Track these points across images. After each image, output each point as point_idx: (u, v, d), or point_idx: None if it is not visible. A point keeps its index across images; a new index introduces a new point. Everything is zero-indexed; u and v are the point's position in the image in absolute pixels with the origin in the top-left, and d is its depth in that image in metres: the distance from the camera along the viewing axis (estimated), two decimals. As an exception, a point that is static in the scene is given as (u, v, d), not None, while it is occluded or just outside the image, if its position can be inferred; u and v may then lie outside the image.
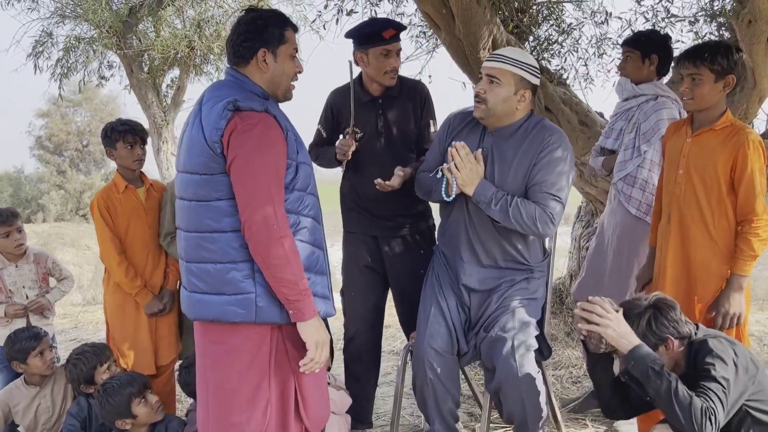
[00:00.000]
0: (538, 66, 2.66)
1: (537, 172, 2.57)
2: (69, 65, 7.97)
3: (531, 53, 4.19)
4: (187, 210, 2.13)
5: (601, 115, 4.48)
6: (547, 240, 2.84)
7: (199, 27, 7.53)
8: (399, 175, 2.92)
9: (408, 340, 3.09)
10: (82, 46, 7.87)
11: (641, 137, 3.16)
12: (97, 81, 8.45)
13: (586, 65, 4.75)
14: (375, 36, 2.94)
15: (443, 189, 2.63)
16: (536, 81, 2.63)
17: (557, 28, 4.66)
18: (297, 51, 2.23)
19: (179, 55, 7.87)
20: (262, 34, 2.13)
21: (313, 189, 2.22)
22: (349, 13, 4.34)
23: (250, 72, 2.16)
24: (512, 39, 4.05)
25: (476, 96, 2.60)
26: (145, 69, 8.30)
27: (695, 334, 2.19)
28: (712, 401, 1.96)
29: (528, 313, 2.69)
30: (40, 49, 7.82)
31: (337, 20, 4.33)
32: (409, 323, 3.15)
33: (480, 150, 2.61)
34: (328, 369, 3.16)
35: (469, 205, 2.69)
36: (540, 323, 2.79)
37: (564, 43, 4.65)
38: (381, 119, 3.06)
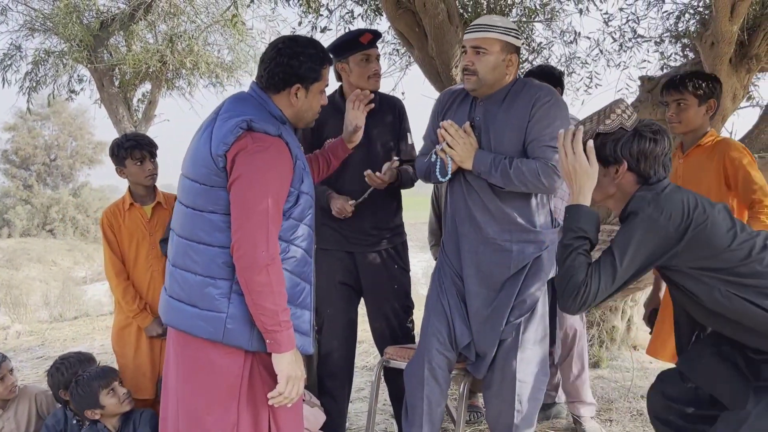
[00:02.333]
0: (517, 27, 2.66)
1: (532, 128, 2.52)
2: (38, 79, 7.86)
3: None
4: (182, 215, 2.10)
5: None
6: (553, 208, 2.78)
7: (172, 42, 7.48)
8: (391, 168, 2.92)
9: (382, 356, 3.09)
10: (51, 59, 7.77)
11: None
12: (66, 95, 8.34)
13: (556, 83, 4.81)
14: (353, 42, 2.96)
15: (438, 170, 2.60)
16: (519, 43, 2.61)
17: (527, 47, 4.74)
18: (327, 86, 2.25)
19: (151, 70, 7.81)
20: (300, 70, 2.11)
21: (310, 221, 2.17)
22: (323, 30, 4.36)
23: (278, 99, 2.14)
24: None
25: (465, 69, 2.56)
26: (116, 83, 8.22)
27: (657, 183, 1.98)
28: (592, 278, 1.86)
29: (536, 295, 2.62)
30: (9, 63, 7.70)
31: (311, 36, 4.34)
32: (383, 339, 3.15)
33: (468, 123, 2.58)
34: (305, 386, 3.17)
35: (468, 183, 2.63)
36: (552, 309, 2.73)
37: (534, 62, 4.73)
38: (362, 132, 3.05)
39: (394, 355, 3.01)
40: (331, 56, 2.88)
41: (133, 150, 3.09)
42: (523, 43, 4.49)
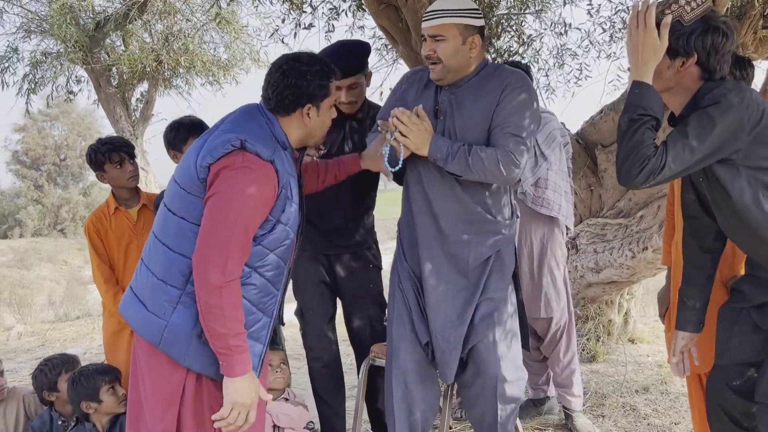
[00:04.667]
0: (477, 6, 2.49)
1: (498, 114, 2.38)
2: (36, 80, 7.89)
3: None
4: (161, 215, 2.07)
5: (562, 125, 4.52)
6: (513, 200, 2.66)
7: (167, 41, 7.48)
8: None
9: (360, 356, 3.05)
10: (48, 61, 7.80)
11: (541, 146, 3.30)
12: (65, 96, 8.37)
13: (547, 76, 4.79)
14: None
15: (387, 160, 2.42)
16: (480, 23, 2.44)
17: (517, 40, 4.70)
18: (337, 98, 2.20)
19: (147, 69, 7.82)
20: (309, 90, 2.05)
21: (283, 253, 2.06)
22: (308, 27, 4.33)
23: (288, 122, 2.08)
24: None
25: (428, 58, 2.43)
26: (114, 83, 8.24)
27: (724, 77, 1.92)
28: (662, 153, 1.79)
29: (503, 291, 2.52)
30: (6, 65, 7.75)
31: (295, 34, 4.32)
32: (361, 339, 3.11)
33: (420, 106, 2.40)
34: (288, 385, 3.15)
35: (429, 170, 2.49)
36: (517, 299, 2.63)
37: (524, 55, 4.69)
38: (348, 140, 2.97)
39: (380, 354, 2.98)
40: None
41: (111, 153, 3.04)
42: (508, 33, 4.45)
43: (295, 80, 2.04)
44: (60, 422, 3.01)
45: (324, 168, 2.58)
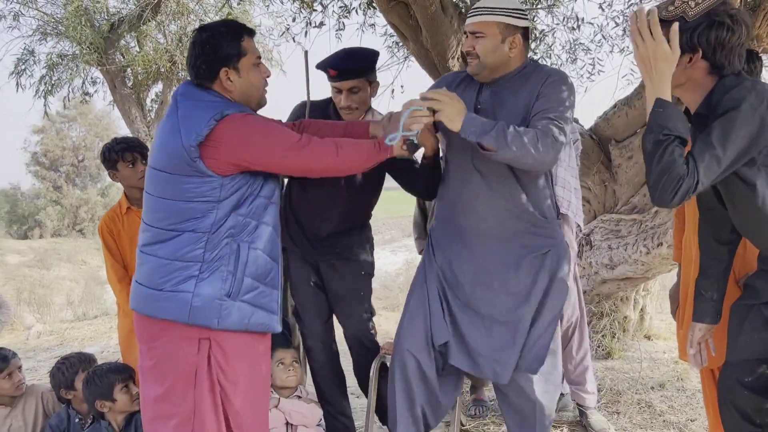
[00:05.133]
0: (521, 7, 2.47)
1: (538, 103, 2.34)
2: (53, 82, 7.98)
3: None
4: (151, 204, 2.15)
5: (576, 121, 4.49)
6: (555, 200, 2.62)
7: (181, 41, 7.53)
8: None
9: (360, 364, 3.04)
10: (64, 62, 7.88)
11: None
12: (81, 97, 8.46)
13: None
14: (325, 70, 2.82)
15: (405, 145, 2.32)
16: (524, 23, 2.42)
17: (530, 35, 4.66)
18: (260, 58, 2.19)
19: (162, 70, 7.88)
20: (218, 54, 2.09)
21: (278, 198, 2.22)
22: (319, 25, 4.34)
23: (219, 88, 2.14)
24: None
25: (468, 54, 2.45)
26: (129, 84, 8.32)
27: (740, 72, 1.89)
28: (693, 169, 1.76)
29: (553, 303, 2.47)
30: (23, 67, 7.84)
31: (306, 33, 4.33)
32: (360, 345, 3.06)
33: (444, 88, 2.39)
34: (302, 383, 3.16)
35: (473, 167, 2.45)
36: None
37: (537, 50, 4.66)
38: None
39: (390, 351, 2.98)
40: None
41: (125, 152, 3.10)
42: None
43: (201, 49, 2.10)
44: (77, 420, 3.04)
45: (325, 127, 2.58)
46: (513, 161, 2.27)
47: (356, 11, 4.38)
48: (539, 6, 4.72)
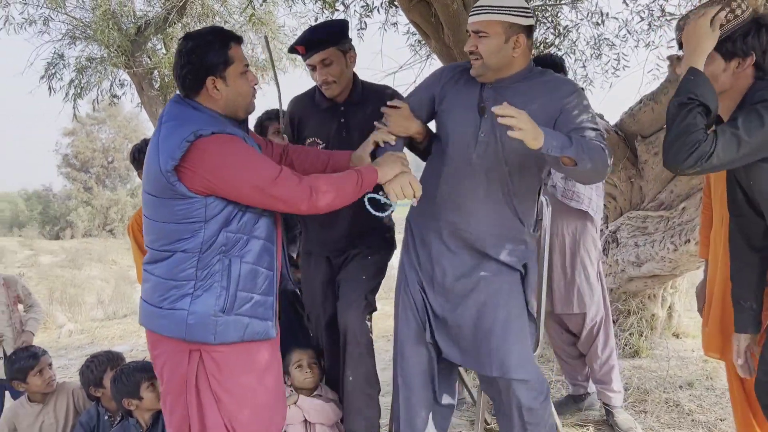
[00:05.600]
0: (527, 5, 2.36)
1: (568, 119, 2.28)
2: (82, 85, 8.13)
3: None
4: (147, 226, 2.18)
5: (600, 116, 4.44)
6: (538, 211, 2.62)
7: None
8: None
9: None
10: (93, 66, 8.02)
11: None
12: (109, 100, 8.60)
13: (584, 67, 4.71)
14: (296, 52, 2.76)
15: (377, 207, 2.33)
16: (528, 22, 2.33)
17: (553, 31, 4.63)
18: (247, 66, 2.15)
19: (188, 71, 7.96)
20: (204, 62, 2.05)
21: (271, 214, 2.22)
22: (340, 25, 4.33)
23: (204, 100, 2.11)
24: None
25: (470, 53, 2.36)
26: (156, 86, 8.44)
27: None
28: (713, 140, 1.76)
29: (520, 313, 2.47)
30: (53, 71, 7.99)
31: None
32: (340, 326, 2.90)
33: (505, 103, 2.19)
34: (321, 381, 3.17)
35: (474, 168, 2.41)
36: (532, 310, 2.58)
37: (561, 46, 4.62)
38: (344, 128, 2.81)
39: None
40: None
41: None
42: (544, 25, 4.38)
43: (187, 58, 2.07)
44: (106, 417, 3.09)
45: (308, 154, 2.55)
46: (584, 174, 2.18)
47: (378, 10, 4.39)
48: (563, 2, 4.67)
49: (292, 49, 2.74)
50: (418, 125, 2.54)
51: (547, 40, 4.62)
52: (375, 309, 2.90)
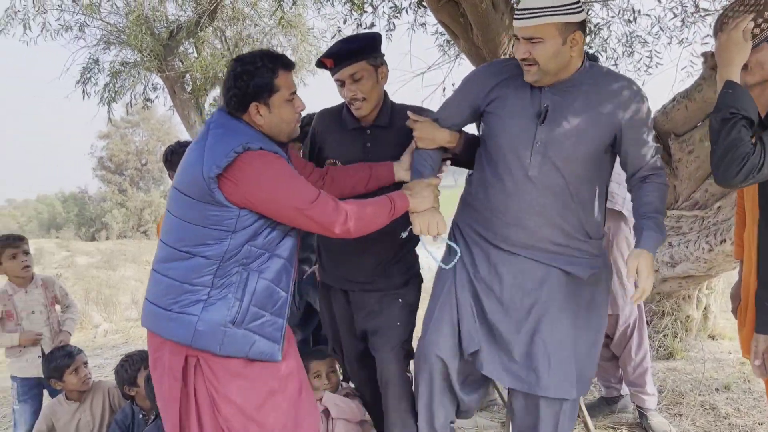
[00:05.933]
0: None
1: (632, 129, 2.20)
2: (116, 89, 8.28)
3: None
4: (170, 224, 2.17)
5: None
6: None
7: (237, 46, 7.71)
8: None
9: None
10: (126, 70, 8.18)
11: None
12: (142, 103, 8.75)
13: (615, 65, 4.64)
14: (324, 66, 2.59)
15: (442, 258, 2.35)
16: (580, 17, 2.13)
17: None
18: (294, 92, 2.15)
19: (219, 75, 8.08)
20: (249, 88, 2.08)
21: (296, 231, 2.21)
22: (369, 26, 4.36)
23: (248, 120, 2.13)
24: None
25: (523, 60, 2.17)
26: (188, 89, 8.56)
27: None
28: (761, 151, 1.75)
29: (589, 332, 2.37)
30: (88, 76, 8.16)
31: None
32: (383, 387, 2.74)
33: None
34: (342, 380, 3.18)
35: (529, 181, 2.27)
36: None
37: (592, 44, 4.57)
38: (369, 153, 2.62)
39: None
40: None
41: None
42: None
43: (234, 81, 2.09)
44: (141, 416, 3.14)
45: (348, 173, 2.52)
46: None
47: (406, 11, 4.38)
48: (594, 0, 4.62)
49: (320, 63, 2.58)
50: (446, 135, 2.45)
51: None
52: (413, 354, 2.72)
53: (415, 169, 2.44)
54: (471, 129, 2.58)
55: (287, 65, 2.15)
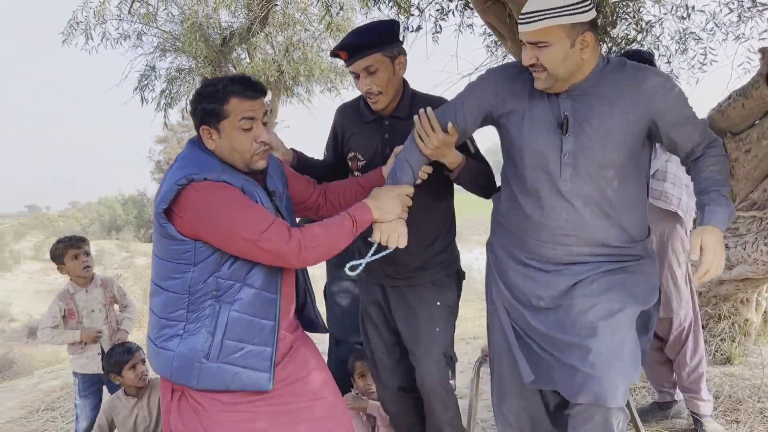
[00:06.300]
0: None
1: (666, 118, 2.04)
2: (171, 95, 8.54)
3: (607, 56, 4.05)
4: (153, 261, 2.16)
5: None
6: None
7: (287, 51, 7.85)
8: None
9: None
10: (182, 76, 8.42)
11: None
12: (197, 108, 8.99)
13: (669, 62, 4.54)
14: (338, 57, 2.47)
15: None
16: (589, 16, 1.99)
17: (635, 26, 4.49)
18: (251, 119, 2.04)
19: (270, 79, 8.25)
20: (197, 111, 2.05)
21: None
22: (416, 29, 4.38)
23: (208, 145, 2.08)
24: (584, 42, 3.94)
25: (531, 66, 2.05)
26: (240, 94, 8.75)
27: None
28: None
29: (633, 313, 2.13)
30: (145, 82, 8.43)
31: (404, 37, 4.36)
32: (425, 395, 2.63)
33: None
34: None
35: (561, 195, 2.13)
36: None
37: (643, 42, 4.48)
38: (388, 144, 2.51)
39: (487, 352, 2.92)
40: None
41: None
42: (625, 21, 4.26)
43: (191, 101, 2.08)
44: None
45: (338, 189, 2.46)
46: None
47: (453, 13, 4.38)
48: (646, -4, 4.53)
49: (334, 54, 2.48)
50: (455, 157, 2.33)
51: (629, 36, 4.49)
52: (456, 362, 2.66)
53: (393, 174, 2.32)
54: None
55: (246, 93, 2.04)
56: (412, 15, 4.39)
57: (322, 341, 3.02)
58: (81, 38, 7.62)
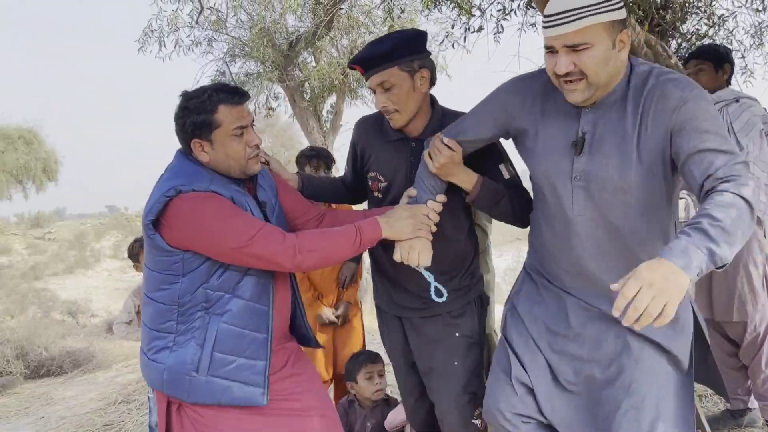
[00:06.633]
0: None
1: (683, 139, 1.72)
2: (241, 100, 8.77)
3: (676, 52, 3.95)
4: (144, 272, 2.15)
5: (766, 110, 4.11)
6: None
7: (351, 53, 7.96)
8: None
9: None
10: (250, 80, 8.66)
11: (737, 135, 3.03)
12: (265, 112, 9.24)
13: (743, 57, 4.37)
14: (355, 70, 2.33)
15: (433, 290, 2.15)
16: (623, 14, 1.77)
17: (707, 21, 4.34)
18: (243, 127, 2.01)
19: (335, 82, 8.38)
20: (187, 126, 2.00)
21: (258, 272, 2.05)
22: (478, 30, 4.37)
23: (198, 157, 2.05)
24: (652, 38, 3.85)
25: (566, 76, 1.78)
26: (306, 97, 8.95)
27: None
28: None
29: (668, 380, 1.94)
30: (216, 87, 8.69)
31: (465, 38, 4.36)
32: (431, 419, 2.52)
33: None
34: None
35: (570, 218, 1.94)
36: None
37: (716, 36, 4.33)
38: (414, 168, 2.27)
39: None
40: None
41: (312, 159, 3.51)
42: (697, 15, 4.12)
43: (176, 120, 2.04)
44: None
45: (342, 219, 2.34)
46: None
47: (515, 12, 4.35)
48: (718, -11, 4.38)
49: (351, 68, 2.32)
50: (468, 176, 2.15)
51: (700, 31, 4.34)
52: (480, 396, 2.33)
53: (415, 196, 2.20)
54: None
55: (234, 99, 2.02)
56: (474, 15, 4.38)
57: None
58: (155, 46, 8.00)
